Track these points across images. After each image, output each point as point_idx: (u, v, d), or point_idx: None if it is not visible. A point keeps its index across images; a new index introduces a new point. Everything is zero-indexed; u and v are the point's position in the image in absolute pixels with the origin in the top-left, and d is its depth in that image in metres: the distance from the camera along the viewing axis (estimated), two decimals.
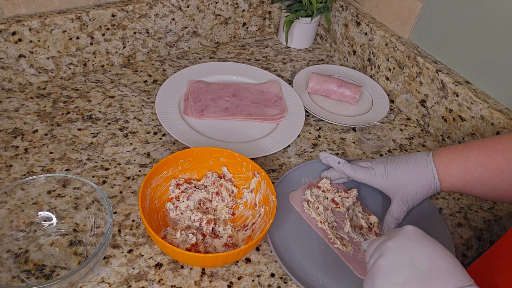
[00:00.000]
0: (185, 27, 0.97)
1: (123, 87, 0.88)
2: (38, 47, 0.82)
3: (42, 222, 0.61)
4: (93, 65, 0.90)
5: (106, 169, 0.71)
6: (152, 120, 0.82)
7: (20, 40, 0.79)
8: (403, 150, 0.84)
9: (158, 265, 0.60)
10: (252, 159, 0.76)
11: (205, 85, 0.89)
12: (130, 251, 0.61)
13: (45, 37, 0.81)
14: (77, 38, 0.85)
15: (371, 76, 1.00)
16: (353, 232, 0.66)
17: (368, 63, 0.99)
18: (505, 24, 0.73)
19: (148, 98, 0.86)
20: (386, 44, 0.93)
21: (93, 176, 0.70)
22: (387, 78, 0.95)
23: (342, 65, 1.05)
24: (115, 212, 0.66)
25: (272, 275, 0.61)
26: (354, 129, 0.87)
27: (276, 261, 0.62)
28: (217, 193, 0.67)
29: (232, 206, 0.67)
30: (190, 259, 0.55)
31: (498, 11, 0.73)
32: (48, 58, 0.84)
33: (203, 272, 0.60)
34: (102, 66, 0.92)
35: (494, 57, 0.76)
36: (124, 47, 0.92)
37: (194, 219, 0.63)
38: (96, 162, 0.72)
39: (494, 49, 0.76)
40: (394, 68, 0.93)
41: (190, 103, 0.84)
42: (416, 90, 0.89)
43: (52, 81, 0.87)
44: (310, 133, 0.85)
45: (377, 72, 0.98)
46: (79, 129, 0.77)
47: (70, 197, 0.61)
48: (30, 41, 0.80)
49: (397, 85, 0.93)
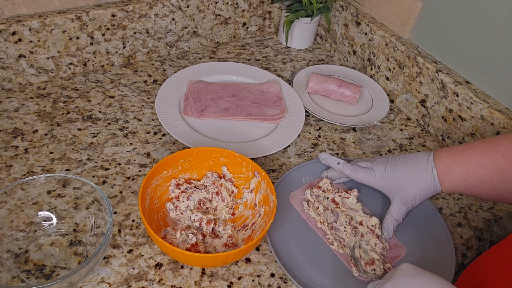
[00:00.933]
0: (185, 27, 0.97)
1: (123, 87, 0.88)
2: (38, 47, 0.82)
3: (42, 222, 0.61)
4: (93, 65, 0.90)
5: (106, 169, 0.71)
6: (152, 120, 0.82)
7: (20, 40, 0.79)
8: (403, 150, 0.84)
9: (158, 265, 0.60)
10: (252, 159, 0.76)
11: (205, 85, 0.89)
12: (130, 251, 0.61)
13: (45, 37, 0.81)
14: (77, 38, 0.85)
15: (371, 76, 1.00)
16: (365, 272, 0.61)
17: (368, 63, 0.99)
18: (505, 24, 0.73)
19: (148, 98, 0.86)
20: (386, 44, 0.93)
21: (93, 176, 0.70)
22: (387, 78, 0.95)
23: (342, 65, 1.05)
24: (115, 212, 0.66)
25: (272, 275, 0.61)
26: (354, 129, 0.87)
27: (276, 261, 0.62)
28: (217, 193, 0.67)
29: (232, 206, 0.67)
30: (190, 259, 0.55)
31: (498, 11, 0.73)
32: (48, 58, 0.84)
33: (203, 272, 0.60)
34: (102, 66, 0.92)
35: (494, 57, 0.76)
36: (124, 47, 0.92)
37: (194, 219, 0.63)
38: (96, 162, 0.72)
39: (494, 49, 0.76)
40: (394, 68, 0.93)
41: (190, 103, 0.84)
42: (416, 90, 0.89)
43: (52, 81, 0.87)
44: (310, 133, 0.85)
45: (377, 72, 0.98)
46: (79, 129, 0.77)
47: (70, 197, 0.61)
48: (30, 41, 0.80)
49: (397, 85, 0.93)
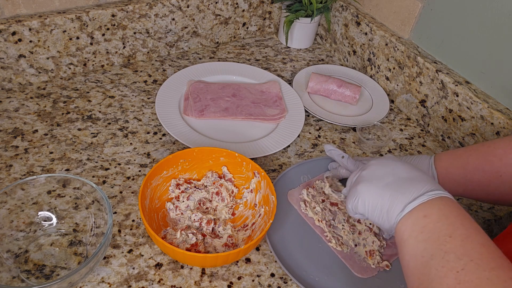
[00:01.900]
0: (185, 27, 0.97)
1: (123, 87, 0.88)
2: (38, 47, 0.82)
3: (42, 222, 0.61)
4: (93, 65, 0.90)
5: (106, 169, 0.71)
6: (152, 120, 0.82)
7: (20, 40, 0.79)
8: (403, 150, 0.84)
9: (158, 265, 0.60)
10: (252, 159, 0.76)
11: (205, 85, 0.89)
12: (130, 251, 0.61)
13: (45, 37, 0.81)
14: (77, 38, 0.85)
15: (371, 76, 1.00)
16: (333, 192, 0.69)
17: (368, 63, 0.99)
18: (505, 24, 0.73)
19: (148, 98, 0.86)
20: (386, 44, 0.93)
21: (93, 176, 0.70)
22: (387, 78, 0.95)
23: (342, 65, 1.05)
24: (115, 212, 0.66)
25: (272, 275, 0.61)
26: (354, 129, 0.87)
27: (276, 261, 0.62)
28: (217, 193, 0.67)
29: (232, 206, 0.67)
30: (190, 259, 0.55)
31: (498, 11, 0.73)
32: (48, 58, 0.84)
33: (203, 272, 0.60)
34: (102, 66, 0.92)
35: (494, 57, 0.76)
36: (124, 47, 0.92)
37: (194, 219, 0.63)
38: (96, 162, 0.72)
39: (494, 49, 0.76)
40: (394, 68, 0.93)
41: (190, 103, 0.84)
42: (416, 90, 0.89)
43: (52, 81, 0.87)
44: (310, 133, 0.85)
45: (377, 72, 0.98)
46: (79, 129, 0.77)
47: (70, 197, 0.61)
48: (30, 41, 0.80)
49: (397, 85, 0.93)
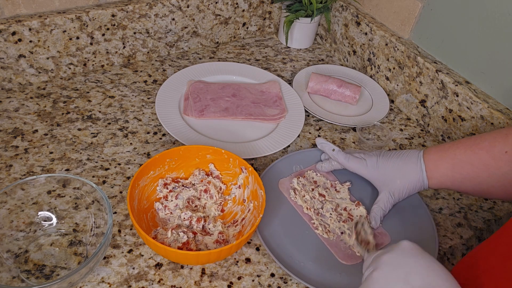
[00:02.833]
0: (185, 27, 0.97)
1: (123, 87, 0.88)
2: (38, 47, 0.82)
3: (42, 222, 0.61)
4: (93, 65, 0.90)
5: (106, 169, 0.71)
6: (152, 120, 0.82)
7: (20, 40, 0.79)
8: None
9: (158, 265, 0.60)
10: (252, 159, 0.76)
11: (205, 85, 0.89)
12: (130, 251, 0.61)
13: (45, 37, 0.81)
14: (77, 38, 0.85)
15: (371, 76, 1.00)
16: (358, 245, 0.63)
17: (368, 63, 0.99)
18: (505, 24, 0.73)
19: (148, 98, 0.86)
20: (386, 44, 0.93)
21: (93, 176, 0.70)
22: (387, 78, 0.95)
23: (342, 65, 1.05)
24: (115, 212, 0.66)
25: (272, 275, 0.61)
26: (354, 129, 0.87)
27: (275, 261, 0.62)
28: (205, 191, 0.67)
29: (221, 202, 0.68)
30: (182, 257, 0.56)
31: (498, 11, 0.73)
32: (48, 58, 0.84)
33: (203, 272, 0.60)
34: (102, 66, 0.92)
35: (494, 57, 0.76)
36: (124, 47, 0.92)
37: (184, 218, 0.63)
38: (96, 162, 0.72)
39: (494, 49, 0.76)
40: (394, 68, 0.93)
41: (190, 103, 0.84)
42: (416, 90, 0.89)
43: (52, 81, 0.87)
44: (310, 133, 0.85)
45: (377, 72, 0.98)
46: (79, 129, 0.77)
47: (70, 197, 0.61)
48: (30, 41, 0.80)
49: (397, 85, 0.93)
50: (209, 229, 0.63)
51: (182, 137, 0.77)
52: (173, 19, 0.93)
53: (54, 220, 0.61)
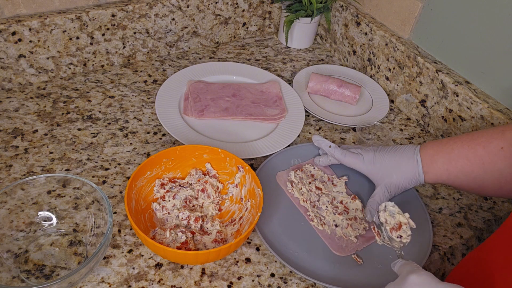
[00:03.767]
0: (185, 27, 0.97)
1: (123, 87, 0.88)
2: (38, 47, 0.82)
3: (42, 222, 0.61)
4: (93, 65, 0.90)
5: (106, 169, 0.71)
6: (152, 120, 0.82)
7: (20, 40, 0.79)
8: None
9: (158, 265, 0.60)
10: (252, 159, 0.76)
11: (205, 85, 0.89)
12: (130, 251, 0.61)
13: (45, 37, 0.81)
14: (77, 38, 0.85)
15: (371, 76, 1.00)
16: (390, 239, 0.59)
17: (368, 63, 0.99)
18: (505, 24, 0.73)
19: (148, 98, 0.86)
20: (386, 44, 0.93)
21: (93, 176, 0.70)
22: (387, 78, 0.95)
23: (342, 65, 1.05)
24: (115, 212, 0.66)
25: (272, 275, 0.61)
26: (354, 129, 0.87)
27: (276, 261, 0.62)
28: (203, 190, 0.67)
29: (218, 202, 0.68)
30: (181, 257, 0.56)
31: (498, 11, 0.73)
32: (48, 58, 0.84)
33: (203, 272, 0.60)
34: (102, 66, 0.92)
35: (494, 57, 0.76)
36: (124, 47, 0.92)
37: (182, 218, 0.63)
38: (96, 162, 0.72)
39: (494, 49, 0.76)
40: (394, 68, 0.93)
41: (190, 103, 0.84)
42: (416, 90, 0.89)
43: (52, 81, 0.87)
44: (310, 133, 0.85)
45: (377, 72, 0.98)
46: (79, 129, 0.77)
47: (70, 197, 0.61)
48: (30, 41, 0.80)
49: (397, 85, 0.93)
50: (207, 228, 0.63)
51: (182, 137, 0.77)
52: (173, 19, 0.93)
53: (54, 220, 0.61)
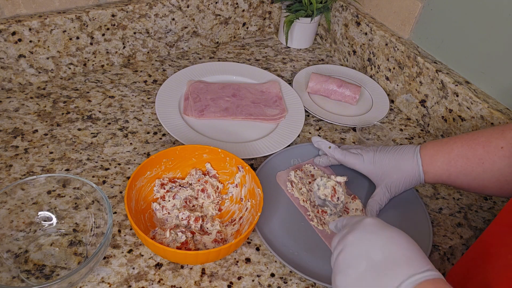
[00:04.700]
0: (185, 27, 0.97)
1: (123, 87, 0.88)
2: (38, 47, 0.82)
3: (42, 222, 0.61)
4: (93, 65, 0.90)
5: (106, 169, 0.71)
6: (152, 120, 0.82)
7: (20, 40, 0.79)
8: None
9: (158, 265, 0.60)
10: (252, 159, 0.76)
11: (205, 85, 0.89)
12: (130, 251, 0.61)
13: (45, 37, 0.81)
14: (77, 38, 0.85)
15: (371, 76, 1.00)
16: (335, 207, 0.67)
17: (368, 63, 0.99)
18: (505, 24, 0.73)
19: (148, 98, 0.86)
20: (386, 44, 0.93)
21: (93, 176, 0.70)
22: (387, 78, 0.95)
23: (342, 65, 1.05)
24: (115, 212, 0.66)
25: (272, 275, 0.61)
26: (354, 129, 0.87)
27: (276, 261, 0.62)
28: (203, 190, 0.67)
29: (218, 202, 0.68)
30: (181, 257, 0.56)
31: (498, 11, 0.73)
32: (48, 58, 0.84)
33: (203, 272, 0.60)
34: (102, 66, 0.92)
35: (494, 57, 0.76)
36: (124, 47, 0.92)
37: (182, 218, 0.63)
38: (96, 162, 0.72)
39: (494, 49, 0.76)
40: (394, 68, 0.93)
41: (190, 103, 0.84)
42: (416, 90, 0.89)
43: (52, 81, 0.87)
44: (310, 133, 0.85)
45: (377, 72, 0.98)
46: (79, 129, 0.77)
47: (70, 197, 0.61)
48: (30, 41, 0.80)
49: (397, 85, 0.93)
50: (207, 228, 0.63)
51: (182, 137, 0.77)
52: (173, 19, 0.93)
53: (54, 220, 0.61)
